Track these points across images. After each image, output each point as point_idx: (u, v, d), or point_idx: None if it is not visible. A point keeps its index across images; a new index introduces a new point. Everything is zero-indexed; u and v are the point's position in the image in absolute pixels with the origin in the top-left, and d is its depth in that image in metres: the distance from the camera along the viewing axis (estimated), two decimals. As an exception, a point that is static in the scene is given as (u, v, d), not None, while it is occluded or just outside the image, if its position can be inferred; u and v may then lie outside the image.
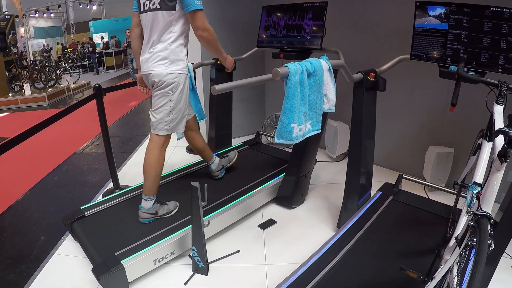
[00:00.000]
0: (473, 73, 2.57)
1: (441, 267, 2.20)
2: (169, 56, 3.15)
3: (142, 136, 7.18)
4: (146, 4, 3.14)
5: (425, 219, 3.25)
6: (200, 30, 3.05)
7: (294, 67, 2.62)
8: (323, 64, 2.82)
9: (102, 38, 23.84)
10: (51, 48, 24.03)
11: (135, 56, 3.53)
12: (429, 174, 4.07)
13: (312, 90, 2.80)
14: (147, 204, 3.38)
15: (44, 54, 20.77)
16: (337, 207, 3.73)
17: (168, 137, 3.45)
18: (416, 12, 3.12)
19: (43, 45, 24.07)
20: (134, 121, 8.63)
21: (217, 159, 4.11)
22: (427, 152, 4.13)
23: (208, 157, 4.06)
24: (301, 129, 2.79)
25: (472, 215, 1.92)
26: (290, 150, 4.39)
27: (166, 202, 3.50)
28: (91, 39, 23.57)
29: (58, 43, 24.61)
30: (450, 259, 2.01)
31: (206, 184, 2.85)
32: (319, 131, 3.01)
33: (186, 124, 3.56)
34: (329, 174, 4.74)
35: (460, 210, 2.71)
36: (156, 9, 3.07)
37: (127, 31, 14.01)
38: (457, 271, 1.97)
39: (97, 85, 4.12)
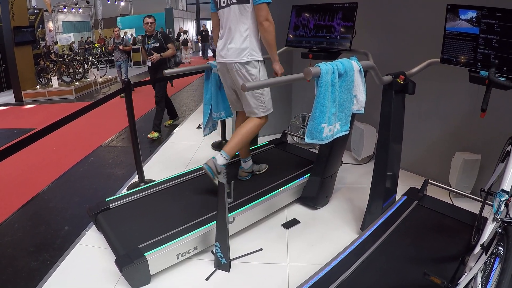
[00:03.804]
0: (503, 79, 2.52)
1: (466, 274, 2.18)
2: (249, 46, 3.48)
3: (168, 131, 7.26)
4: (224, 1, 3.46)
5: (450, 225, 3.20)
6: (263, 19, 3.34)
7: (325, 67, 2.61)
8: (354, 65, 2.81)
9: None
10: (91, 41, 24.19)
11: None
12: (455, 180, 4.01)
13: (342, 90, 2.79)
14: (220, 159, 3.58)
15: (86, 46, 21.00)
16: (361, 210, 3.70)
17: (266, 118, 3.85)
18: (447, 15, 3.06)
19: (81, 37, 24.35)
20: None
21: (250, 161, 4.14)
22: (454, 158, 4.07)
23: (245, 154, 4.12)
24: (331, 129, 2.78)
25: (500, 222, 1.90)
26: (316, 151, 4.38)
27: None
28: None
29: (57, 43, 24.55)
30: (475, 266, 1.99)
31: (233, 181, 2.85)
32: (348, 132, 3.01)
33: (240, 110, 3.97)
34: (353, 176, 4.71)
35: (485, 218, 2.68)
36: (233, 3, 3.43)
37: (115, 29, 12.32)
38: (481, 279, 1.95)
39: (126, 79, 4.16)
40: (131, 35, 23.75)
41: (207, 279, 2.97)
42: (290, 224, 3.68)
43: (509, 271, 1.56)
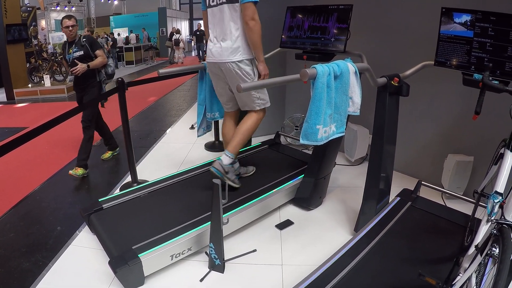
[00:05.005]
0: (497, 82, 2.54)
1: (460, 275, 2.20)
2: (241, 45, 3.51)
3: (161, 131, 7.22)
4: (213, 0, 3.48)
5: (443, 226, 3.22)
6: (248, 18, 3.33)
7: (322, 69, 2.62)
8: (350, 67, 2.82)
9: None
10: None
11: None
12: (448, 182, 4.03)
13: (338, 92, 2.80)
14: (226, 159, 3.68)
15: None
16: (354, 211, 3.71)
17: (263, 112, 3.88)
18: (442, 18, 3.08)
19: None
20: (153, 116, 8.65)
21: (237, 163, 4.02)
22: (446, 159, 4.09)
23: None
24: (326, 130, 2.80)
25: (495, 223, 1.92)
26: (309, 151, 4.37)
27: (246, 166, 4.14)
28: (112, 34, 23.68)
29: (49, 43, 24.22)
30: (471, 267, 2.00)
31: (226, 182, 2.85)
32: (343, 134, 3.02)
33: (228, 111, 4.01)
34: (347, 177, 4.72)
35: (478, 219, 2.69)
36: (222, 3, 3.45)
37: (85, 29, 11.53)
38: (476, 280, 1.96)
39: (120, 79, 4.14)
40: (118, 34, 23.60)
41: (201, 280, 2.97)
42: (284, 225, 3.68)
43: (505, 272, 1.57)
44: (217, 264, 3.02)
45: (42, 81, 12.34)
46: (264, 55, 4.28)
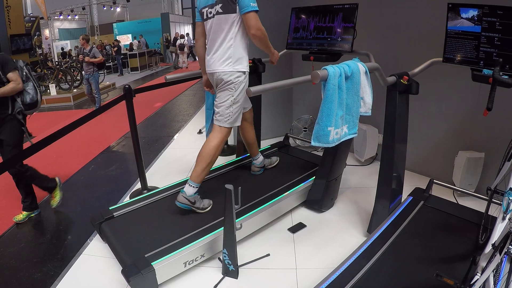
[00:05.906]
0: (506, 77, 2.52)
1: (478, 274, 2.16)
2: (233, 56, 3.43)
3: (168, 137, 7.22)
4: (210, 12, 3.43)
5: (457, 225, 3.19)
6: (254, 29, 3.27)
7: (333, 70, 2.60)
8: (360, 67, 2.81)
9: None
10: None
11: (200, 62, 3.80)
12: (459, 179, 4.00)
13: (349, 93, 2.78)
14: (190, 190, 3.47)
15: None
16: (367, 212, 3.69)
17: (229, 131, 3.68)
18: (449, 14, 3.07)
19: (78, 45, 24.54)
20: (160, 122, 8.66)
21: (261, 157, 4.27)
22: (457, 156, 4.06)
23: (254, 152, 4.26)
24: (338, 132, 2.78)
25: (514, 221, 1.89)
26: (319, 153, 4.35)
27: (203, 199, 3.63)
28: (116, 40, 23.75)
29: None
30: (490, 266, 1.97)
31: (240, 187, 2.82)
32: (356, 135, 3.00)
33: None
34: (357, 178, 4.69)
35: (493, 217, 2.66)
36: (218, 13, 3.38)
37: (81, 36, 10.72)
38: (494, 279, 1.94)
39: (127, 86, 4.13)
40: (116, 41, 23.68)
41: (215, 286, 2.94)
42: (297, 228, 3.66)
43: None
44: (231, 269, 3.00)
45: (48, 90, 12.37)
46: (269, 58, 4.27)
